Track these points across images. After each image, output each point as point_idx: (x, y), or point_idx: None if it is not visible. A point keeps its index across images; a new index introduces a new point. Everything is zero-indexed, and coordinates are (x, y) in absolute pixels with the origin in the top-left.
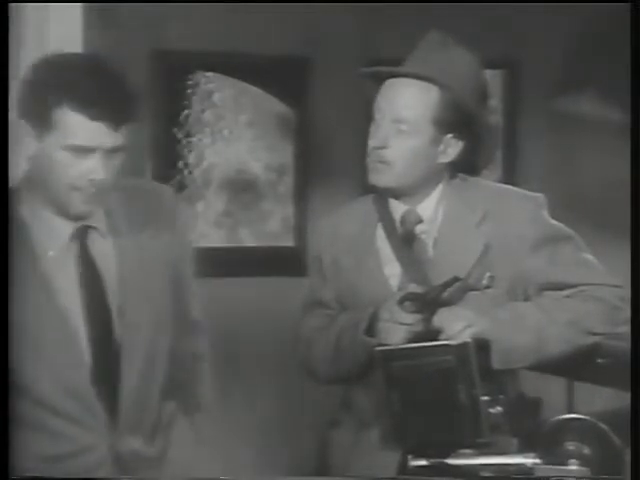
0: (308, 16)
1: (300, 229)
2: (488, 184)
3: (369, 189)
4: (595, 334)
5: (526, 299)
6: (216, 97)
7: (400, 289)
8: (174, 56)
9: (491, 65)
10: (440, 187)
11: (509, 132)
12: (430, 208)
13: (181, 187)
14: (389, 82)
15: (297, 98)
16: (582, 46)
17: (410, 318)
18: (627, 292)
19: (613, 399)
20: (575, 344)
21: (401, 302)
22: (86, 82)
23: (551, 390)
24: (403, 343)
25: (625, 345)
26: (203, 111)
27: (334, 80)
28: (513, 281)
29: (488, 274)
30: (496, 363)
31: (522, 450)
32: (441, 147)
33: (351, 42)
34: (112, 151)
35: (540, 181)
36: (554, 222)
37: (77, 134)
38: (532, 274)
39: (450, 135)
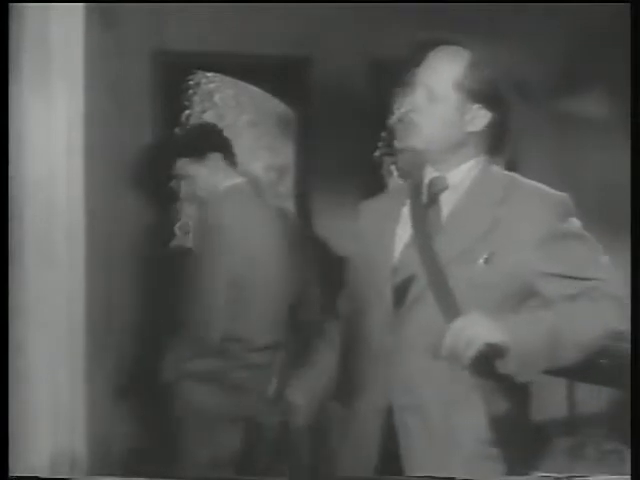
0: (308, 16)
1: None
2: (516, 176)
3: (371, 188)
4: (614, 333)
5: (525, 288)
6: (217, 97)
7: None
8: (174, 56)
9: None
10: (472, 162)
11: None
12: (457, 179)
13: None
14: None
15: (298, 98)
16: (582, 46)
17: None
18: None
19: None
20: (594, 344)
21: None
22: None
23: (552, 390)
24: None
25: (626, 345)
26: (204, 111)
27: (334, 80)
28: (514, 265)
29: (489, 251)
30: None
31: None
32: (468, 116)
33: (351, 42)
34: None
35: (540, 181)
36: (571, 221)
37: None
38: (533, 264)
39: (478, 105)
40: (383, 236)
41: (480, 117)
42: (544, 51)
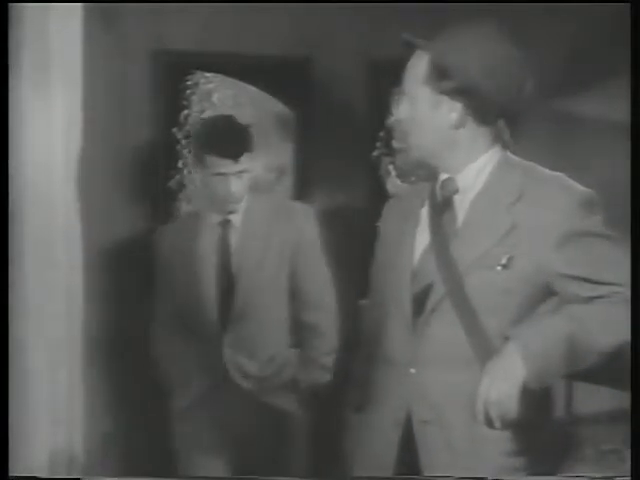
0: (308, 16)
1: None
2: (535, 167)
3: (370, 189)
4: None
5: (544, 291)
6: (215, 97)
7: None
8: (174, 56)
9: None
10: (483, 159)
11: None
12: (469, 178)
13: (181, 187)
14: None
15: (297, 98)
16: (582, 46)
17: None
18: None
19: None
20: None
21: None
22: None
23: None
24: None
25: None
26: (202, 111)
27: (334, 80)
28: (533, 268)
29: (507, 255)
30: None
31: None
32: (444, 110)
33: (351, 42)
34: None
35: None
36: (594, 218)
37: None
38: (555, 265)
39: (446, 97)
40: (404, 238)
41: (454, 110)
42: (544, 51)
